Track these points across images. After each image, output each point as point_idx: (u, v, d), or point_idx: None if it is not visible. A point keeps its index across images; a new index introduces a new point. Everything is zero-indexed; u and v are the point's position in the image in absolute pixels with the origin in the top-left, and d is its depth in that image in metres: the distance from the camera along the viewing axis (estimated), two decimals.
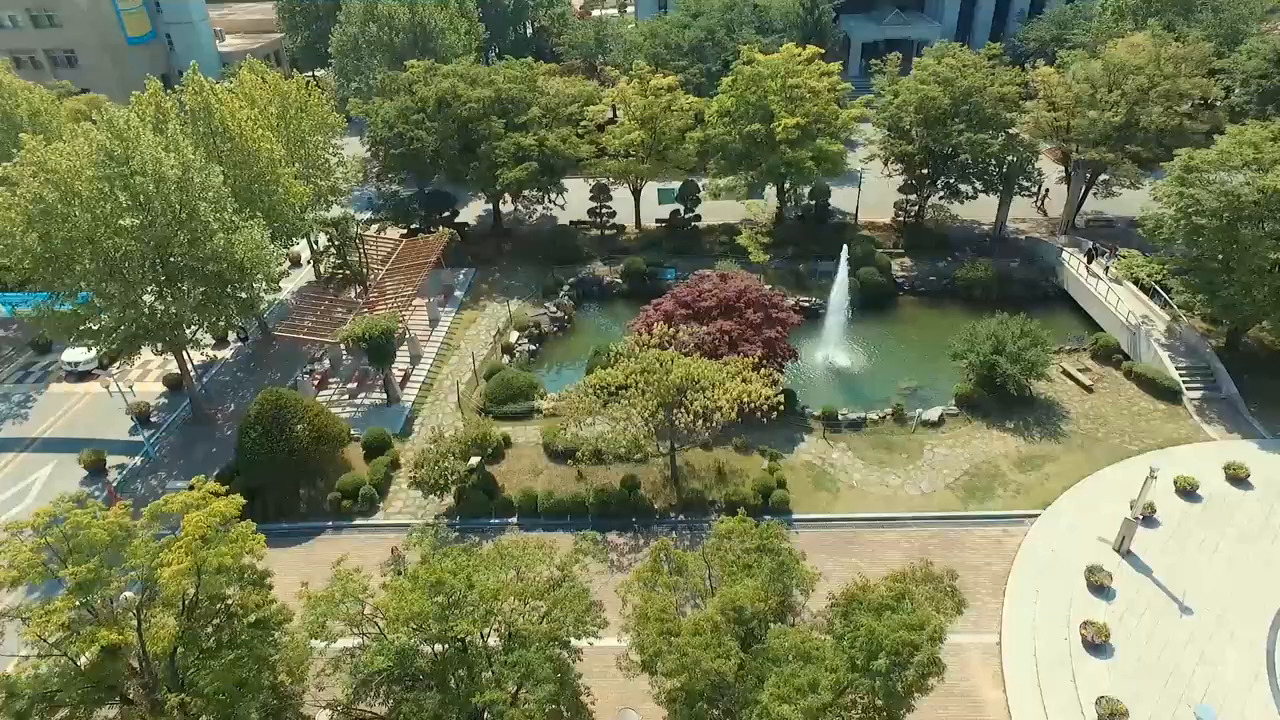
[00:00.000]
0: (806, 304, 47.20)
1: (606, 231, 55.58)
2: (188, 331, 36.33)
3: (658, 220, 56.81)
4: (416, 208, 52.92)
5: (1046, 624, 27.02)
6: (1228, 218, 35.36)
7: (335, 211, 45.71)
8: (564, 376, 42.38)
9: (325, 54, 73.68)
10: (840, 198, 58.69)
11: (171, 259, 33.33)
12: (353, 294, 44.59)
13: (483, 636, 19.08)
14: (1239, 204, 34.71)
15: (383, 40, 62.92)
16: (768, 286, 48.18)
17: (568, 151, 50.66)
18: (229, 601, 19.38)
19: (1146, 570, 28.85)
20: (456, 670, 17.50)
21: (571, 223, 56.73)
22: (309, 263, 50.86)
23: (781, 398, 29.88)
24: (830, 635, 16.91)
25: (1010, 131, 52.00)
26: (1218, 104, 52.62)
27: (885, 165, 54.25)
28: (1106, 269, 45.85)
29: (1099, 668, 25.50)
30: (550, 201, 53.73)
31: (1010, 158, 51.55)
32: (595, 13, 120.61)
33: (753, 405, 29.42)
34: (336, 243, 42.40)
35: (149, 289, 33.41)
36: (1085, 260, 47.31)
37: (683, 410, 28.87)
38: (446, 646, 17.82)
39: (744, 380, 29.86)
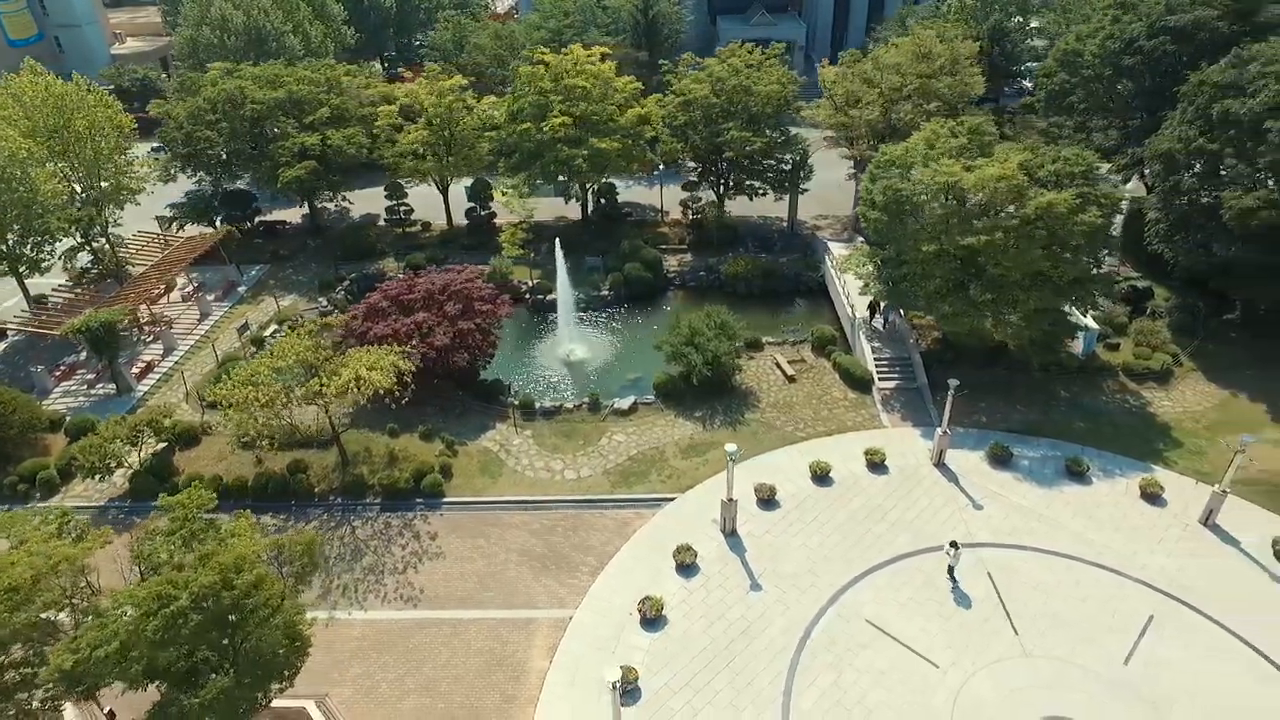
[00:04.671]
0: None
1: (408, 229, 57.02)
2: None
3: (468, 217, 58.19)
4: (216, 206, 54.39)
5: (620, 600, 28.19)
6: (895, 211, 36.49)
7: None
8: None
9: None
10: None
11: None
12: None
13: None
14: (900, 198, 35.83)
15: (215, 43, 64.44)
16: (532, 281, 49.97)
17: (350, 151, 52.00)
18: None
19: (741, 550, 30.03)
20: None
21: (385, 220, 58.34)
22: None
23: (397, 385, 31.16)
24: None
25: (793, 131, 53.40)
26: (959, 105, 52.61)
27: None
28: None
29: (643, 641, 26.69)
30: (343, 200, 55.17)
31: (790, 155, 52.95)
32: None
33: (375, 390, 30.88)
34: (81, 240, 43.88)
35: None
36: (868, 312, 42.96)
37: (296, 396, 30.33)
38: None
39: (370, 368, 31.16)
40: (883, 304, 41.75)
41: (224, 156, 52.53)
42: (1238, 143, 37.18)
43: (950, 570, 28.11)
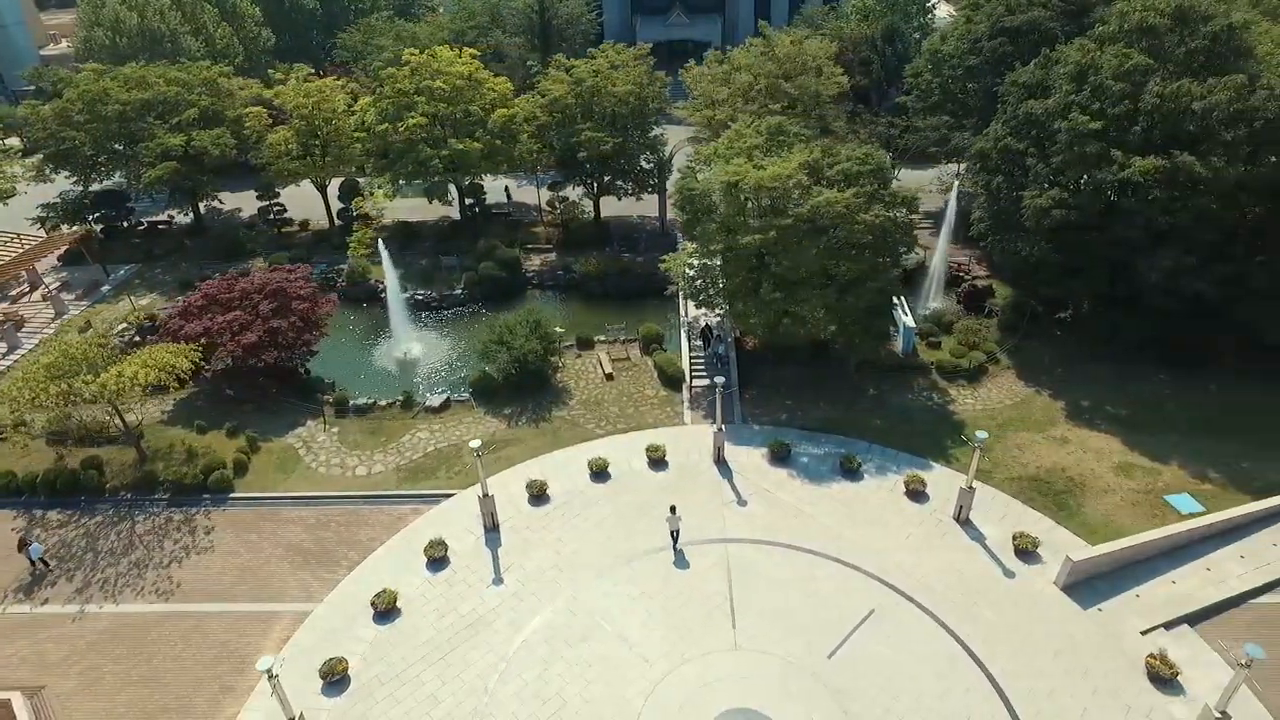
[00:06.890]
0: (420, 297, 49.10)
1: (285, 228, 57.48)
2: None
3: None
4: (89, 206, 54.90)
5: (363, 594, 28.48)
6: (691, 210, 36.86)
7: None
8: None
9: None
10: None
11: None
12: None
13: None
14: (692, 196, 36.19)
15: (108, 44, 64.97)
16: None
17: (215, 152, 52.46)
18: None
19: (496, 545, 30.42)
20: None
21: (263, 220, 58.79)
22: None
23: (174, 382, 31.78)
24: None
25: (656, 131, 53.84)
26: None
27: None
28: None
29: (370, 633, 27.10)
30: (215, 200, 55.71)
31: (654, 156, 53.35)
32: None
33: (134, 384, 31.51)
34: None
35: None
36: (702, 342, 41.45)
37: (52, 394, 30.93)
38: None
39: (143, 365, 31.67)
40: (714, 331, 41.63)
41: (91, 156, 52.98)
42: (1038, 143, 37.49)
43: (674, 534, 29.15)
